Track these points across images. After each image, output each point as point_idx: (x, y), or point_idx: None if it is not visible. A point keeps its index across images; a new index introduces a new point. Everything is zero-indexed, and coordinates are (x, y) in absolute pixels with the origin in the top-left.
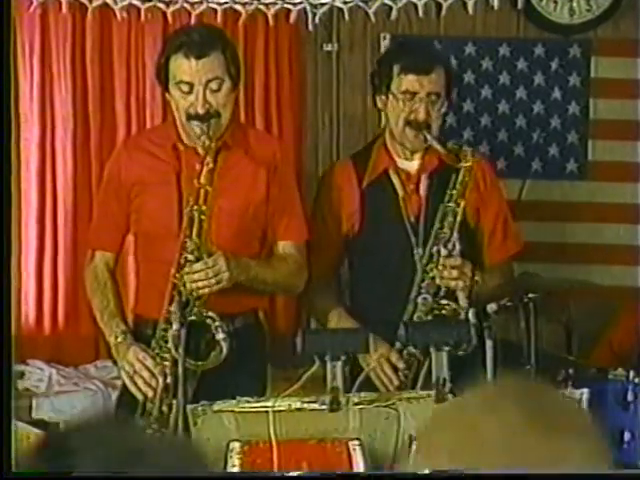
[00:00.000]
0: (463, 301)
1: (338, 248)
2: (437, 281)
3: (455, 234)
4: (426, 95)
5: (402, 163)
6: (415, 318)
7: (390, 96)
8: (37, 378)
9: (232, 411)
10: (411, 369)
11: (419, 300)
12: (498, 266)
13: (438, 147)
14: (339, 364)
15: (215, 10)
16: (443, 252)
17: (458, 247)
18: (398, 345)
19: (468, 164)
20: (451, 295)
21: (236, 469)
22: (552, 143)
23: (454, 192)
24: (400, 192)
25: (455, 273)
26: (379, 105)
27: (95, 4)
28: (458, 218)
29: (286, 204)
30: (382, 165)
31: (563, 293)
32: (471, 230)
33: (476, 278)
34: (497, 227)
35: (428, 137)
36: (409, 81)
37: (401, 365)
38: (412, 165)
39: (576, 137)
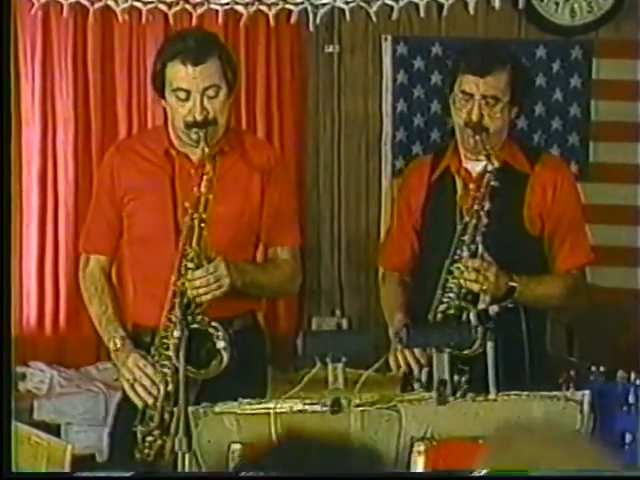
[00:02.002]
0: (482, 304)
1: (409, 242)
2: (461, 282)
3: (479, 237)
4: (481, 97)
5: (467, 162)
6: (438, 318)
7: (454, 95)
8: (39, 380)
9: (233, 413)
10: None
11: (443, 299)
12: (562, 276)
13: (482, 149)
14: (340, 366)
15: (216, 11)
16: (465, 254)
17: (481, 249)
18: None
19: (493, 167)
20: (474, 297)
21: None
22: (553, 144)
23: (478, 194)
24: (460, 190)
25: (474, 275)
26: (450, 103)
27: (96, 6)
28: (483, 221)
29: (281, 210)
30: (449, 162)
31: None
32: (533, 237)
33: (512, 284)
34: (565, 236)
35: (478, 139)
36: (466, 82)
37: (423, 360)
38: (476, 166)
39: (577, 138)
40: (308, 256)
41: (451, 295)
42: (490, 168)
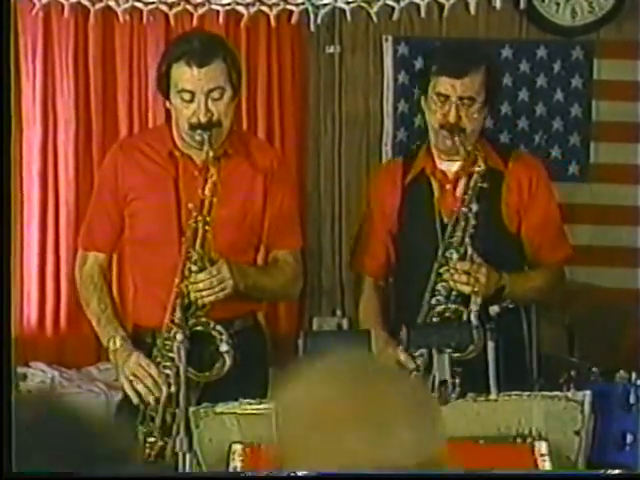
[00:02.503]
0: (474, 305)
1: (385, 245)
2: (451, 285)
3: (467, 239)
4: (458, 99)
5: (442, 164)
6: (428, 320)
7: (428, 97)
8: (39, 380)
9: (234, 413)
10: (419, 369)
11: (433, 302)
12: (539, 271)
13: (461, 150)
14: None
15: (217, 12)
16: (455, 256)
17: (470, 251)
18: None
19: (480, 168)
20: (465, 299)
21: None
22: (554, 145)
23: (466, 197)
24: (436, 192)
25: (465, 278)
26: (422, 105)
27: (97, 7)
28: (471, 222)
29: (283, 213)
30: (422, 164)
31: (565, 295)
32: (511, 234)
33: (501, 283)
34: (543, 232)
35: (456, 140)
36: (442, 83)
37: (411, 365)
38: (452, 166)
39: (578, 139)
40: (309, 256)
41: (440, 298)
42: (477, 169)
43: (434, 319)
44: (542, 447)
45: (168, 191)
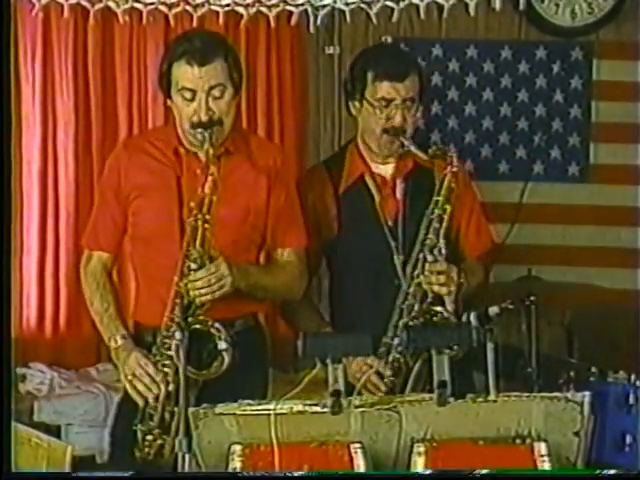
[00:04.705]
0: (450, 305)
1: (317, 256)
2: (424, 287)
3: (441, 240)
4: (402, 101)
5: (377, 167)
6: (401, 324)
7: (365, 103)
8: (39, 381)
9: (234, 414)
10: (398, 375)
11: (404, 306)
12: (476, 263)
13: (418, 153)
14: (340, 367)
15: (217, 12)
16: (429, 258)
17: (444, 252)
18: (382, 350)
19: (454, 169)
20: (438, 300)
21: None
22: (554, 146)
23: (439, 198)
24: (377, 197)
25: (442, 278)
26: (353, 112)
27: (97, 7)
28: (444, 224)
29: (286, 211)
30: (357, 171)
31: (564, 296)
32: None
33: (461, 280)
34: (470, 225)
35: (406, 143)
36: (384, 88)
37: (388, 372)
38: (387, 169)
39: (578, 140)
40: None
41: (412, 302)
42: (452, 170)
43: (410, 323)
44: (541, 448)
45: (171, 189)
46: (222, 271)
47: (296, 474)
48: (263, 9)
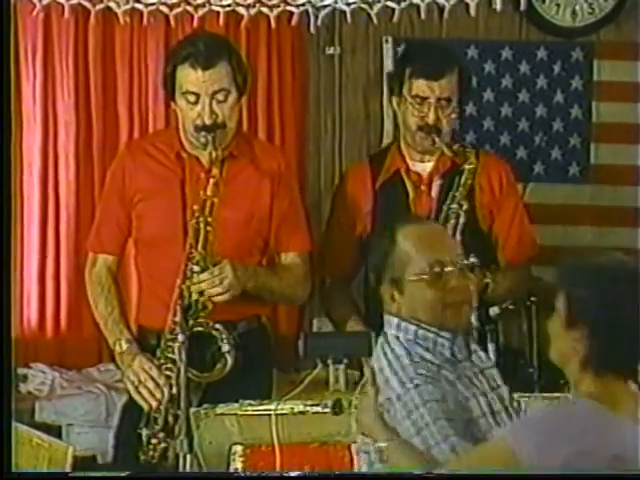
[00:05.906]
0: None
1: (354, 250)
2: None
3: (458, 236)
4: (436, 100)
5: (414, 165)
6: None
7: (402, 99)
8: (40, 381)
9: (235, 414)
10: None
11: None
12: (512, 270)
13: (445, 150)
14: (342, 367)
15: (218, 13)
16: None
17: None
18: None
19: (471, 166)
20: None
21: None
22: (554, 146)
23: (457, 194)
24: (411, 193)
25: None
26: (394, 106)
27: (98, 8)
28: (461, 220)
29: (290, 215)
30: (395, 166)
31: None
32: (484, 233)
33: (486, 280)
34: (512, 230)
35: (436, 140)
36: (419, 86)
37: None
38: (425, 167)
39: (578, 140)
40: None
41: None
42: (468, 167)
43: None
44: None
45: (174, 192)
46: (226, 273)
47: (297, 474)
48: (264, 9)
